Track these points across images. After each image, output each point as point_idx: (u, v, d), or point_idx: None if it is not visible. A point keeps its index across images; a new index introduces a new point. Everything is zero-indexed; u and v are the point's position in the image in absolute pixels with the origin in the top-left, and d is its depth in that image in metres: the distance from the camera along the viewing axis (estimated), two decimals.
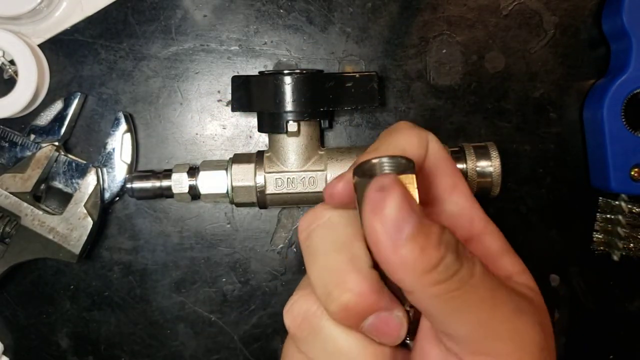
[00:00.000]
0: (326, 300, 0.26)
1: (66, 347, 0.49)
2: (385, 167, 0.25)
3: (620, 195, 0.46)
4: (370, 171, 0.25)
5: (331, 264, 0.26)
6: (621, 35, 0.44)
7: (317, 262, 0.27)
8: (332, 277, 0.26)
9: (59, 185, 0.46)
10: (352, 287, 0.25)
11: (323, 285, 0.26)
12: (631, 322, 0.49)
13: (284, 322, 0.28)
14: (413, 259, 0.23)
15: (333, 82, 0.42)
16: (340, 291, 0.25)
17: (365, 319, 0.26)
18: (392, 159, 0.25)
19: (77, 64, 0.47)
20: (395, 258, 0.23)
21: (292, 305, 0.28)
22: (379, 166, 0.25)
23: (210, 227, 0.48)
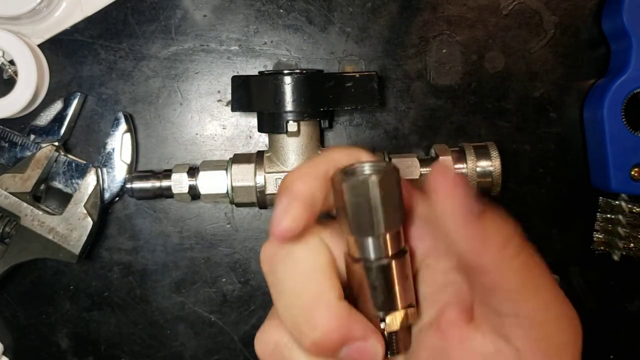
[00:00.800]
0: (298, 337, 0.25)
1: (66, 347, 0.49)
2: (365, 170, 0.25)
3: (621, 195, 0.46)
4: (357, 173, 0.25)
5: (298, 301, 0.25)
6: (621, 35, 0.44)
7: (283, 297, 0.26)
8: (300, 313, 0.25)
9: (59, 185, 0.46)
10: (321, 324, 0.24)
11: (292, 323, 0.25)
12: (631, 322, 0.49)
13: (255, 350, 0.28)
14: (495, 232, 0.23)
15: (333, 82, 0.42)
16: (310, 328, 0.25)
17: (340, 350, 0.25)
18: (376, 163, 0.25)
19: (76, 64, 0.47)
20: (479, 232, 0.23)
21: (263, 335, 0.27)
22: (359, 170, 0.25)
23: (210, 227, 0.48)
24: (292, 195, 0.25)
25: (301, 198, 0.24)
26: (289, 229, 0.24)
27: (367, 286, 0.26)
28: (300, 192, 0.25)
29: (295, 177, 0.25)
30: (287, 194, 0.25)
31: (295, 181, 0.25)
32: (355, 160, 0.26)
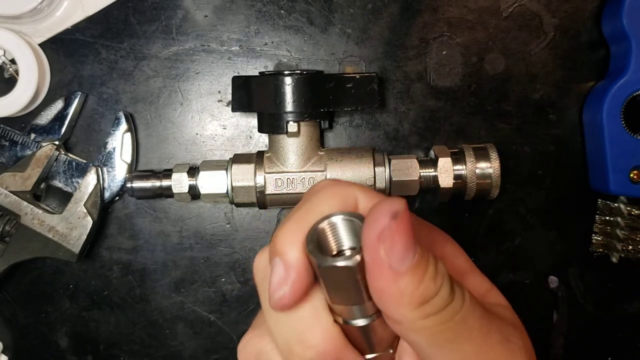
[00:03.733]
0: (287, 354, 0.25)
1: (65, 346, 0.49)
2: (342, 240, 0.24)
3: (620, 198, 0.46)
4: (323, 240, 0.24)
5: (292, 318, 0.25)
6: (621, 37, 0.44)
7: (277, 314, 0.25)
8: (293, 332, 0.25)
9: (59, 184, 0.46)
10: (315, 345, 0.24)
11: (284, 341, 0.25)
12: (630, 324, 0.49)
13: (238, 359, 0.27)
14: (411, 290, 0.22)
15: (333, 82, 0.42)
16: (303, 348, 0.24)
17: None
18: (346, 219, 0.24)
19: (77, 64, 0.47)
20: (393, 289, 0.22)
21: (246, 344, 0.27)
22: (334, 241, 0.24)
23: (210, 227, 0.48)
24: (287, 264, 0.24)
25: (296, 267, 0.24)
26: (289, 301, 0.24)
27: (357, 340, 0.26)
28: (294, 261, 0.24)
29: (285, 240, 0.24)
30: (282, 262, 0.24)
31: (286, 246, 0.24)
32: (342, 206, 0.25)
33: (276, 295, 0.24)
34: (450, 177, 0.43)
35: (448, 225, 0.48)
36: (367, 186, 0.42)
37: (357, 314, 0.25)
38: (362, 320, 0.25)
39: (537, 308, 0.49)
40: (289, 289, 0.24)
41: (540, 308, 0.49)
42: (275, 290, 0.24)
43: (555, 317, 0.49)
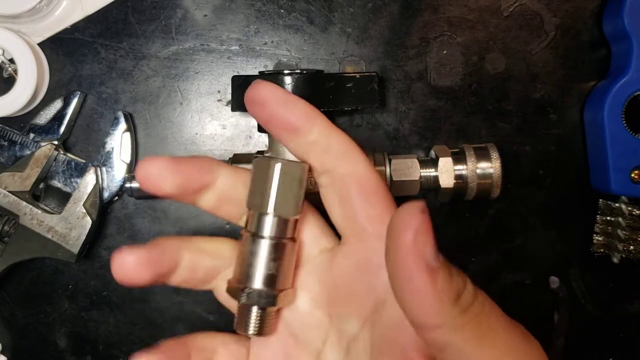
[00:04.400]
0: None
1: (64, 346, 0.49)
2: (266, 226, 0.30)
3: (621, 198, 0.46)
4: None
5: None
6: (622, 37, 0.44)
7: None
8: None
9: (58, 184, 0.46)
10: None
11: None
12: (631, 324, 0.49)
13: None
14: (448, 286, 0.23)
15: (333, 82, 0.42)
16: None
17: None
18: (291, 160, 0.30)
19: (76, 63, 0.47)
20: (433, 288, 0.22)
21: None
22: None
23: (210, 227, 0.48)
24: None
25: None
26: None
27: (241, 256, 0.30)
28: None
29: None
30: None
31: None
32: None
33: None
34: (450, 177, 0.43)
35: (448, 225, 0.48)
36: None
37: (257, 224, 0.30)
38: (256, 235, 0.30)
39: (537, 308, 0.49)
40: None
41: (541, 308, 0.49)
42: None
43: (556, 318, 0.49)
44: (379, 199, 0.30)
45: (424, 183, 0.43)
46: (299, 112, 0.31)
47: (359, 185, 0.30)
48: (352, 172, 0.30)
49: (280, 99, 0.30)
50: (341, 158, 0.31)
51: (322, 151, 0.31)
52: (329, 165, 0.31)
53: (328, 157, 0.31)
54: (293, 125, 0.31)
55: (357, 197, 0.30)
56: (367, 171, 0.30)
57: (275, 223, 0.29)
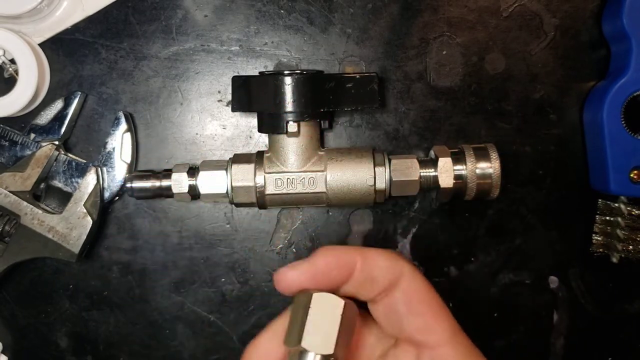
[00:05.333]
0: None
1: (65, 346, 0.49)
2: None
3: (620, 198, 0.46)
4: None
5: None
6: (621, 37, 0.44)
7: None
8: None
9: (59, 184, 0.46)
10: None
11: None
12: (630, 324, 0.49)
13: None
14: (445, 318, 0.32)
15: (333, 82, 0.42)
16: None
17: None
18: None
19: (77, 64, 0.47)
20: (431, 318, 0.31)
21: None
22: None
23: (210, 227, 0.48)
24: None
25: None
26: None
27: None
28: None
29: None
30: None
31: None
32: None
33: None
34: (450, 177, 0.43)
35: (448, 226, 0.48)
36: (367, 187, 0.42)
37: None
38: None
39: (537, 308, 0.49)
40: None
41: (541, 308, 0.49)
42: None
43: (555, 318, 0.49)
44: (425, 308, 0.32)
45: (424, 183, 0.43)
46: (337, 273, 0.32)
47: (404, 297, 0.32)
48: (396, 286, 0.32)
49: (311, 274, 0.32)
50: (385, 278, 0.32)
51: (368, 283, 0.32)
52: (377, 290, 0.32)
53: (374, 285, 0.32)
54: (337, 284, 0.32)
55: (403, 310, 0.32)
56: (411, 281, 0.32)
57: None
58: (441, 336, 0.31)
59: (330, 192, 0.42)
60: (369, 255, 0.32)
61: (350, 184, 0.42)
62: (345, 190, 0.42)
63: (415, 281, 0.32)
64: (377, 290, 0.32)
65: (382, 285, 0.32)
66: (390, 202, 0.48)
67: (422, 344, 0.31)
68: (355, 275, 0.32)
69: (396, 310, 0.32)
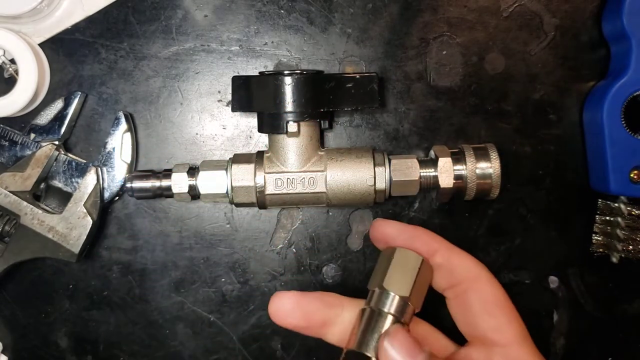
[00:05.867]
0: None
1: (65, 346, 0.49)
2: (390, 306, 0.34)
3: (620, 198, 0.46)
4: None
5: None
6: (621, 37, 0.44)
7: None
8: None
9: (59, 184, 0.46)
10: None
11: None
12: (630, 324, 0.49)
13: None
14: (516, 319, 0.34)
15: (333, 82, 0.42)
16: None
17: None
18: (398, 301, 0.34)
19: (77, 64, 0.47)
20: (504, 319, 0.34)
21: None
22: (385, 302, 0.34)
23: (210, 227, 0.48)
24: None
25: None
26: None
27: (359, 327, 0.33)
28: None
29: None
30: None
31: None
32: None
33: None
34: (450, 177, 0.43)
35: (448, 225, 0.48)
36: (367, 187, 0.42)
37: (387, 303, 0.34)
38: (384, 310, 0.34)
39: (537, 308, 0.49)
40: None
41: (541, 308, 0.49)
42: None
43: (555, 318, 0.49)
44: (499, 310, 0.35)
45: (424, 183, 0.43)
46: (422, 245, 0.36)
47: (480, 298, 0.35)
48: (474, 286, 0.35)
49: (405, 234, 0.37)
50: (464, 275, 0.36)
51: (446, 272, 0.36)
52: (453, 282, 0.36)
53: (452, 277, 0.36)
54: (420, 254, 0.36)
55: (479, 309, 0.35)
56: (488, 284, 0.36)
57: (392, 300, 0.34)
58: (512, 337, 0.34)
59: (330, 192, 0.42)
60: (454, 248, 0.37)
61: (350, 184, 0.42)
62: (345, 190, 0.42)
63: (492, 285, 0.36)
64: (452, 282, 0.36)
65: (458, 278, 0.36)
66: (390, 202, 0.48)
67: (494, 343, 0.34)
68: (437, 258, 0.36)
69: (472, 308, 0.35)
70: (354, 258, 0.48)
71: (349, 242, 0.48)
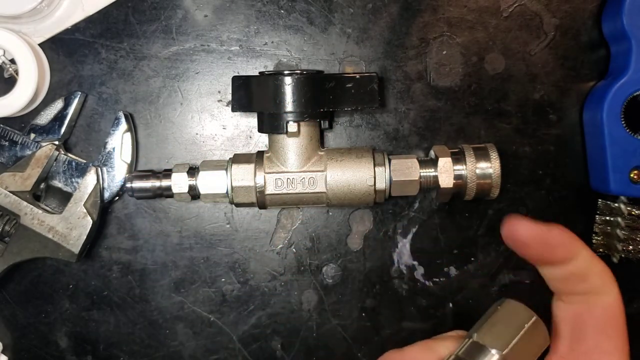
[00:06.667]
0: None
1: (65, 346, 0.49)
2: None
3: (620, 198, 0.46)
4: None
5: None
6: (621, 37, 0.44)
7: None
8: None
9: (59, 184, 0.46)
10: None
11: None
12: (630, 324, 0.49)
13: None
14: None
15: (333, 82, 0.42)
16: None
17: None
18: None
19: (77, 64, 0.47)
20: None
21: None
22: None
23: (210, 227, 0.48)
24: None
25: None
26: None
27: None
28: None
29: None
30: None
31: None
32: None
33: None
34: (450, 177, 0.43)
35: (448, 225, 0.48)
36: (367, 187, 0.42)
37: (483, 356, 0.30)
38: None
39: (537, 308, 0.49)
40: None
41: (541, 308, 0.49)
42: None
43: None
44: (617, 332, 0.33)
45: (424, 183, 0.43)
46: (560, 245, 0.33)
47: (603, 314, 0.33)
48: (601, 301, 0.33)
49: (541, 238, 0.33)
50: (597, 286, 0.33)
51: (577, 280, 0.33)
52: (579, 289, 0.33)
53: (582, 283, 0.33)
54: (555, 260, 0.33)
55: (596, 325, 0.33)
56: (616, 303, 0.33)
57: (481, 351, 0.30)
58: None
59: (330, 192, 0.42)
60: (594, 257, 0.33)
61: (350, 184, 0.42)
62: (345, 190, 0.42)
63: (619, 305, 0.34)
64: (579, 290, 0.33)
65: (587, 288, 0.33)
66: (390, 202, 0.48)
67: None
68: (574, 263, 0.33)
69: (588, 321, 0.33)
70: (354, 258, 0.49)
71: (349, 242, 0.48)
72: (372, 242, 0.48)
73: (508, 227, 0.34)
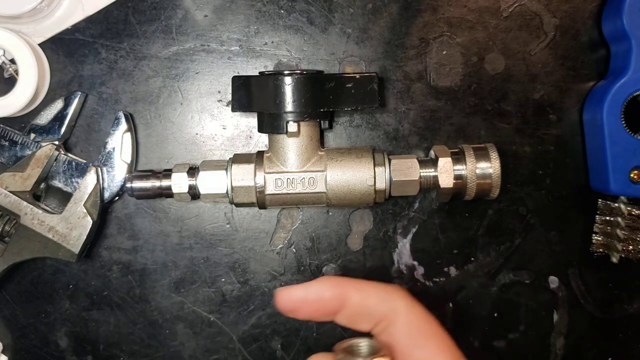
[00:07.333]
0: None
1: (65, 346, 0.49)
2: (362, 349, 0.31)
3: (620, 198, 0.46)
4: (351, 350, 0.31)
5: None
6: (621, 37, 0.44)
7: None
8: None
9: (59, 184, 0.46)
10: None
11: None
12: (630, 324, 0.49)
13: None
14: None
15: (333, 82, 0.42)
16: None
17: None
18: (368, 342, 0.31)
19: (77, 64, 0.47)
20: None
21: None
22: (357, 347, 0.31)
23: (210, 227, 0.48)
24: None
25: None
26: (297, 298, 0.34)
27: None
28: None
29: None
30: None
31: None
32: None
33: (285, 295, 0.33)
34: (450, 177, 0.43)
35: (448, 225, 0.48)
36: (367, 187, 0.42)
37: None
38: None
39: (537, 308, 0.49)
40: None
41: (541, 308, 0.49)
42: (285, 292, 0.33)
43: (555, 318, 0.49)
44: (427, 340, 0.33)
45: (424, 183, 0.43)
46: (330, 295, 0.33)
47: (403, 331, 0.33)
48: (394, 321, 0.33)
49: (311, 291, 0.34)
50: (381, 311, 0.33)
51: (364, 315, 0.33)
52: (374, 322, 0.33)
53: (371, 317, 0.33)
54: (329, 311, 0.34)
55: (405, 342, 0.32)
56: (406, 315, 0.33)
57: None
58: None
59: (330, 192, 0.42)
60: (363, 288, 0.33)
61: (350, 184, 0.42)
62: (345, 190, 0.42)
63: (413, 314, 0.33)
64: (372, 322, 0.33)
65: (376, 318, 0.33)
66: (390, 202, 0.48)
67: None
68: (349, 306, 0.33)
69: (400, 343, 0.32)
70: (354, 258, 0.49)
71: (349, 242, 0.49)
72: (372, 242, 0.48)
73: (276, 301, 0.34)
